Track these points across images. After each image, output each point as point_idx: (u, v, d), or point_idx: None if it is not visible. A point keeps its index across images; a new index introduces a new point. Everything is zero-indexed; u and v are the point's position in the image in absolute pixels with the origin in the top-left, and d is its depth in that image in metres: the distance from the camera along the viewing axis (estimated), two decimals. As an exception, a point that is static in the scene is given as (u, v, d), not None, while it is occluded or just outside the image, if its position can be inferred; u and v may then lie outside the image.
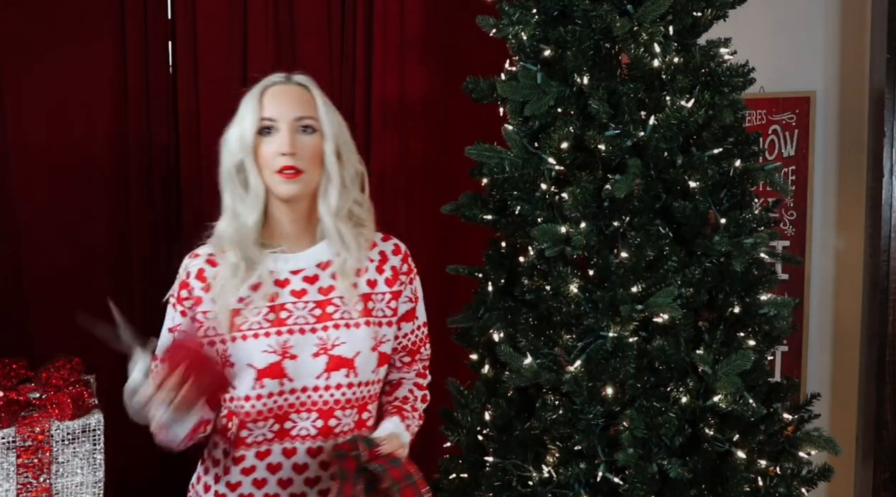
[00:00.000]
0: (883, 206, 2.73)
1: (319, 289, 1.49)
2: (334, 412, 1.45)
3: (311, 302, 1.47)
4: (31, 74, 2.84)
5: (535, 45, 2.05)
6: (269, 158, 1.44)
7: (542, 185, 2.01)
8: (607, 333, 1.90)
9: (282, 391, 1.42)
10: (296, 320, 1.45)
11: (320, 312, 1.47)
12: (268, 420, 1.43)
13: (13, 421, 2.14)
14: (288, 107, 1.46)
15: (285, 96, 1.47)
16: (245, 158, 1.45)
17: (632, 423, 1.88)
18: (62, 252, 2.90)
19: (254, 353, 1.42)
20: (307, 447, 1.45)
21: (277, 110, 1.45)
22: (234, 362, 1.42)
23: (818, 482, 2.09)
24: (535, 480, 1.97)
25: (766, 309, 2.02)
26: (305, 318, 1.45)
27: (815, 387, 2.81)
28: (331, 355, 1.44)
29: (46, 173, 2.87)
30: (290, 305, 1.46)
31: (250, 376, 1.42)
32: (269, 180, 1.45)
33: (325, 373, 1.44)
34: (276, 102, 1.46)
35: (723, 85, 2.02)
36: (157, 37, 2.99)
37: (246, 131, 1.45)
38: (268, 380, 1.42)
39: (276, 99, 1.47)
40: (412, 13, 3.10)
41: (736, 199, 2.04)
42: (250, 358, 1.42)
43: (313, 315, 1.46)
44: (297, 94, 1.49)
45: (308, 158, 1.45)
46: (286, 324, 1.44)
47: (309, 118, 1.47)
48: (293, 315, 1.45)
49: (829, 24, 2.95)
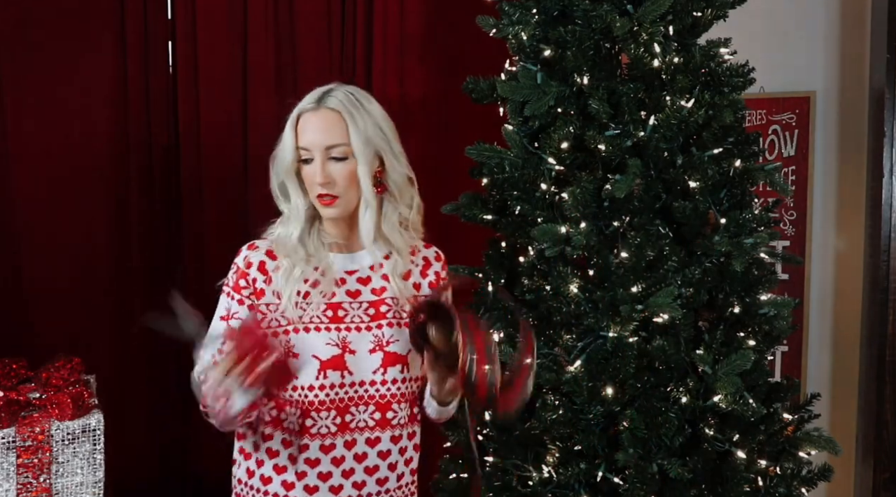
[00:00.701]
0: (883, 206, 2.73)
1: (373, 290, 1.57)
2: (391, 405, 1.53)
3: (365, 302, 1.56)
4: (31, 74, 2.84)
5: (535, 45, 2.05)
6: (309, 185, 1.52)
7: (542, 185, 2.01)
8: (607, 333, 1.90)
9: (342, 383, 1.49)
10: (352, 319, 1.53)
11: (374, 312, 1.55)
12: (330, 411, 1.49)
13: (13, 421, 2.14)
14: (319, 136, 1.50)
15: (316, 124, 1.51)
16: (286, 181, 1.54)
17: (632, 423, 1.88)
18: (62, 252, 2.90)
19: (318, 345, 1.49)
20: (366, 438, 1.52)
21: (310, 140, 1.50)
22: (299, 353, 1.48)
23: (818, 482, 2.09)
24: (535, 480, 1.98)
25: (766, 309, 2.03)
26: (361, 317, 1.54)
27: (815, 387, 2.80)
28: (386, 352, 1.53)
29: (46, 173, 2.87)
30: (346, 304, 1.54)
31: (314, 367, 1.48)
32: (314, 202, 1.53)
33: (382, 368, 1.52)
34: (308, 131, 1.51)
35: (723, 85, 2.03)
36: (157, 37, 2.99)
37: (286, 158, 1.52)
38: (331, 371, 1.48)
39: (308, 127, 1.51)
40: (412, 13, 3.10)
41: (736, 199, 2.04)
42: (315, 349, 1.48)
43: (367, 314, 1.54)
44: (329, 120, 1.52)
45: (343, 185, 1.51)
46: (344, 321, 1.52)
47: (339, 146, 1.51)
48: (349, 314, 1.53)
49: (829, 24, 2.95)
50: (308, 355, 1.49)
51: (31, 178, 2.86)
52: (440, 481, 2.25)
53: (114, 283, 2.98)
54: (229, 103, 3.05)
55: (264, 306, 1.51)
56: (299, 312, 1.51)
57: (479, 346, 1.35)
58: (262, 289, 1.52)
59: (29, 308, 2.86)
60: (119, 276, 2.98)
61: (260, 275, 1.53)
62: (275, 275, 1.52)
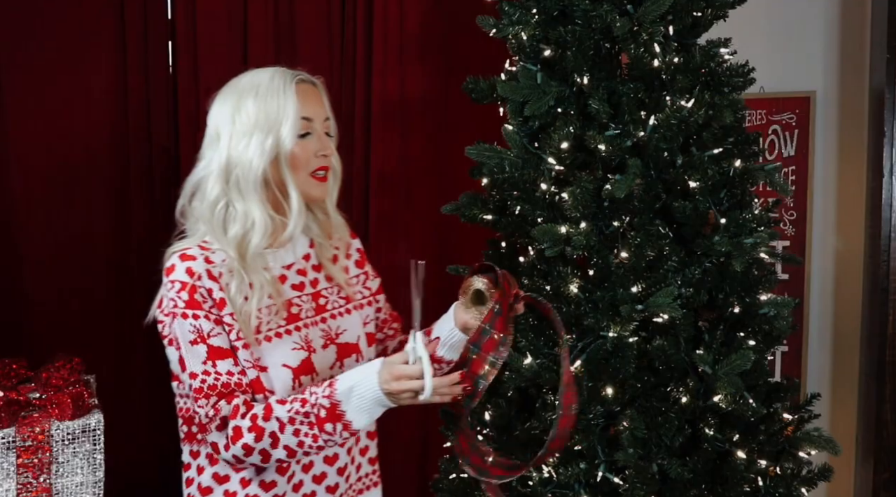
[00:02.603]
0: (883, 206, 2.73)
1: (311, 281, 1.50)
2: None
3: (307, 295, 1.48)
4: (31, 74, 2.84)
5: (535, 45, 2.05)
6: (305, 161, 1.41)
7: (542, 185, 2.01)
8: (607, 333, 1.90)
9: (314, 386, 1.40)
10: (305, 313, 1.46)
11: (315, 304, 1.48)
12: None
13: (13, 421, 2.14)
14: (320, 107, 1.45)
15: (314, 96, 1.45)
16: (283, 162, 1.39)
17: (632, 423, 1.88)
18: (62, 252, 2.90)
19: (286, 353, 1.40)
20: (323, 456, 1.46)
21: (314, 110, 1.43)
22: (268, 366, 1.38)
23: (818, 482, 2.09)
24: (535, 480, 1.98)
25: (766, 309, 2.02)
26: (309, 312, 1.46)
27: (815, 387, 2.81)
28: (338, 344, 1.46)
29: (46, 173, 2.88)
30: (296, 300, 1.46)
31: (288, 377, 1.39)
32: (303, 183, 1.42)
33: (338, 362, 1.45)
34: (310, 102, 1.43)
35: (723, 85, 2.02)
36: (157, 37, 2.99)
37: (289, 132, 1.38)
38: (304, 377, 1.41)
39: (309, 98, 1.43)
40: (412, 13, 3.10)
41: (736, 199, 2.04)
42: (284, 358, 1.39)
43: (312, 308, 1.47)
44: (318, 94, 1.48)
45: (334, 158, 1.48)
46: (300, 318, 1.44)
47: (328, 120, 1.48)
48: (302, 308, 1.46)
49: (829, 24, 2.94)
50: (278, 366, 1.38)
51: (32, 177, 2.86)
52: (440, 481, 2.25)
53: (114, 283, 2.98)
54: (229, 103, 3.05)
55: (229, 317, 1.36)
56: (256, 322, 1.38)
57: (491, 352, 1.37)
58: (222, 298, 1.36)
59: (29, 308, 2.86)
60: (119, 276, 2.98)
61: (213, 283, 1.37)
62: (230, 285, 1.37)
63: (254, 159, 1.37)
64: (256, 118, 1.37)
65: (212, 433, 1.36)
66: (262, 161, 1.37)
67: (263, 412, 1.32)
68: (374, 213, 3.11)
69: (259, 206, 1.39)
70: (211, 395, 1.33)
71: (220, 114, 1.41)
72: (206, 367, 1.34)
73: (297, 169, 1.40)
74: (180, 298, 1.36)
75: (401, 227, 3.14)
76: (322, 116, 1.45)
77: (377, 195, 3.11)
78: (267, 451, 1.32)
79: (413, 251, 3.15)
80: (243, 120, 1.38)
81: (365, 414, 1.30)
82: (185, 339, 1.36)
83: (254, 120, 1.37)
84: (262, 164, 1.37)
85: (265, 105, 1.37)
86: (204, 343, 1.35)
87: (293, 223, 1.42)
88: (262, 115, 1.37)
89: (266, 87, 1.39)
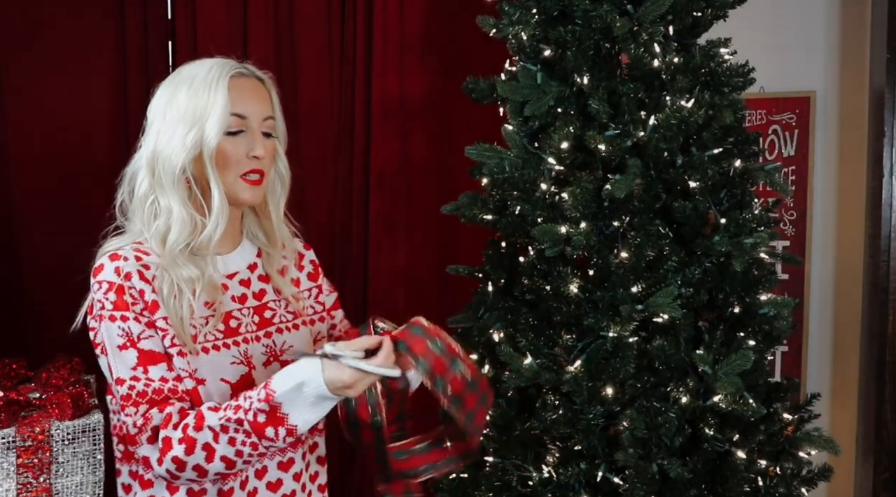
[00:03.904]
0: (883, 206, 2.73)
1: (254, 293, 1.38)
2: None
3: (250, 308, 1.36)
4: (31, 75, 2.84)
5: (535, 45, 2.05)
6: (235, 161, 1.29)
7: (542, 185, 2.01)
8: (607, 333, 1.90)
9: None
10: (246, 327, 1.34)
11: (259, 318, 1.36)
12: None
13: (13, 421, 2.14)
14: (258, 105, 1.31)
15: (254, 92, 1.32)
16: (206, 159, 1.27)
17: (632, 423, 1.88)
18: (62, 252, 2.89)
19: (224, 367, 1.29)
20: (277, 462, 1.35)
21: (250, 108, 1.30)
22: (205, 378, 1.26)
23: (818, 482, 2.09)
24: (535, 480, 1.98)
25: (766, 309, 2.02)
26: (251, 326, 1.35)
27: (815, 387, 2.80)
28: (281, 362, 1.34)
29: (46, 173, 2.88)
30: (236, 312, 1.34)
31: (227, 393, 1.27)
32: (231, 184, 1.30)
33: None
34: (247, 98, 1.30)
35: (723, 85, 2.02)
36: (157, 37, 2.99)
37: (213, 127, 1.26)
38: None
39: (246, 94, 1.30)
40: (412, 13, 3.10)
41: (736, 199, 2.04)
42: (222, 372, 1.28)
43: (254, 322, 1.36)
44: (262, 90, 1.34)
45: (269, 161, 1.33)
46: (240, 332, 1.33)
47: (271, 119, 1.34)
48: (242, 322, 1.34)
49: (829, 24, 2.94)
50: (216, 380, 1.27)
51: (32, 178, 2.86)
52: (440, 481, 2.25)
53: (114, 283, 2.98)
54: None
55: (162, 321, 1.25)
56: (192, 331, 1.27)
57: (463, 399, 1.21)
58: (155, 300, 1.25)
59: (29, 308, 2.86)
60: (119, 276, 2.98)
61: (145, 285, 1.25)
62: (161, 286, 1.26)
63: (174, 153, 1.27)
64: (185, 110, 1.28)
65: (142, 446, 1.22)
66: (182, 155, 1.27)
67: (195, 421, 1.19)
68: (374, 213, 3.11)
69: (179, 202, 1.29)
70: (140, 403, 1.21)
71: (156, 104, 1.32)
72: (136, 373, 1.22)
73: (225, 168, 1.29)
74: (108, 300, 1.25)
75: (401, 227, 3.14)
76: (261, 114, 1.31)
77: (377, 195, 3.11)
78: (201, 466, 1.19)
79: (413, 251, 3.15)
80: (173, 111, 1.29)
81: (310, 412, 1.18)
82: (112, 343, 1.25)
83: (182, 112, 1.28)
84: (183, 158, 1.27)
85: (195, 97, 1.27)
86: (133, 347, 1.23)
87: (212, 225, 1.29)
88: (190, 108, 1.27)
89: (201, 79, 1.28)
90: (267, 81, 1.37)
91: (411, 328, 1.23)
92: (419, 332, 1.22)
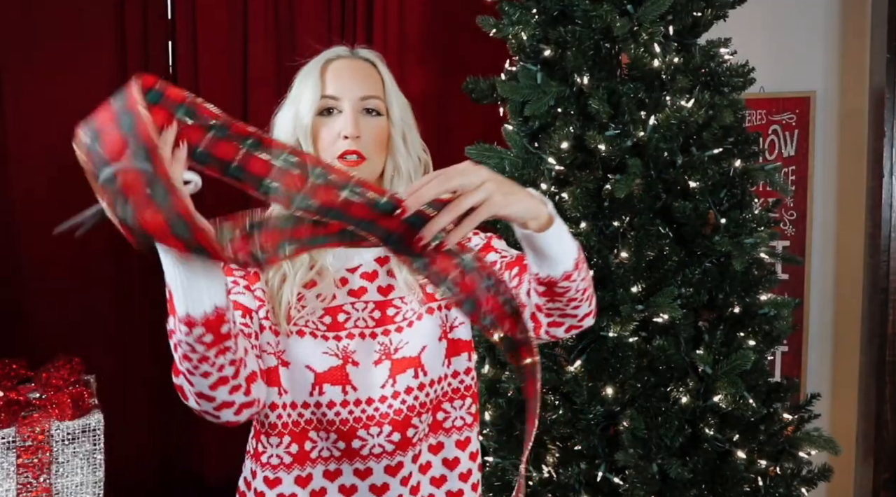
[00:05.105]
0: (883, 206, 2.73)
1: (379, 287, 1.32)
2: (410, 420, 1.26)
3: (370, 302, 1.30)
4: (31, 74, 2.84)
5: (535, 45, 2.05)
6: (329, 142, 1.26)
7: (542, 185, 2.01)
8: (607, 333, 1.90)
9: (345, 401, 1.24)
10: (355, 323, 1.28)
11: (380, 315, 1.30)
12: (329, 434, 1.24)
13: (13, 421, 2.14)
14: (352, 84, 1.28)
15: (350, 72, 1.30)
16: (302, 141, 1.26)
17: (632, 423, 1.88)
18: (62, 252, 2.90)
19: (313, 354, 1.25)
20: (384, 465, 1.26)
21: (341, 87, 1.28)
22: (290, 361, 1.24)
23: (818, 482, 2.09)
24: (535, 480, 1.97)
25: (766, 309, 2.03)
26: (365, 321, 1.29)
27: (815, 387, 2.81)
28: (394, 360, 1.28)
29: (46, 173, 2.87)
30: (348, 306, 1.29)
31: (308, 381, 1.24)
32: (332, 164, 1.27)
33: (390, 379, 1.27)
34: (340, 79, 1.28)
35: (723, 85, 2.03)
36: (157, 37, 2.99)
37: (303, 110, 1.27)
38: (328, 386, 1.24)
39: (340, 75, 1.29)
40: (412, 13, 3.11)
41: (736, 199, 2.04)
42: (308, 358, 1.24)
43: (373, 318, 1.29)
44: (364, 70, 1.32)
45: (372, 143, 1.28)
46: (345, 327, 1.28)
47: (375, 98, 1.30)
48: (351, 317, 1.29)
49: (830, 24, 2.95)
50: (300, 365, 1.24)
51: (31, 177, 2.86)
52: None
53: (113, 283, 2.98)
54: (229, 103, 3.05)
55: (260, 292, 1.25)
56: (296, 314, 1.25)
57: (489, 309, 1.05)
58: (256, 271, 1.26)
59: (29, 308, 2.86)
60: (119, 277, 2.98)
61: None
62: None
63: (281, 134, 1.29)
64: (291, 96, 1.31)
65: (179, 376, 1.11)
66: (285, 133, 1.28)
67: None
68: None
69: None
70: None
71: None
72: None
73: (322, 150, 1.27)
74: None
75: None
76: (357, 93, 1.27)
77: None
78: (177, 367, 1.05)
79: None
80: (287, 99, 1.33)
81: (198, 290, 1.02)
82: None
83: (290, 98, 1.32)
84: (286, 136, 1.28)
85: (299, 84, 1.31)
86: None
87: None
88: (293, 94, 1.31)
89: (306, 68, 1.32)
90: (379, 63, 1.34)
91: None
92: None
